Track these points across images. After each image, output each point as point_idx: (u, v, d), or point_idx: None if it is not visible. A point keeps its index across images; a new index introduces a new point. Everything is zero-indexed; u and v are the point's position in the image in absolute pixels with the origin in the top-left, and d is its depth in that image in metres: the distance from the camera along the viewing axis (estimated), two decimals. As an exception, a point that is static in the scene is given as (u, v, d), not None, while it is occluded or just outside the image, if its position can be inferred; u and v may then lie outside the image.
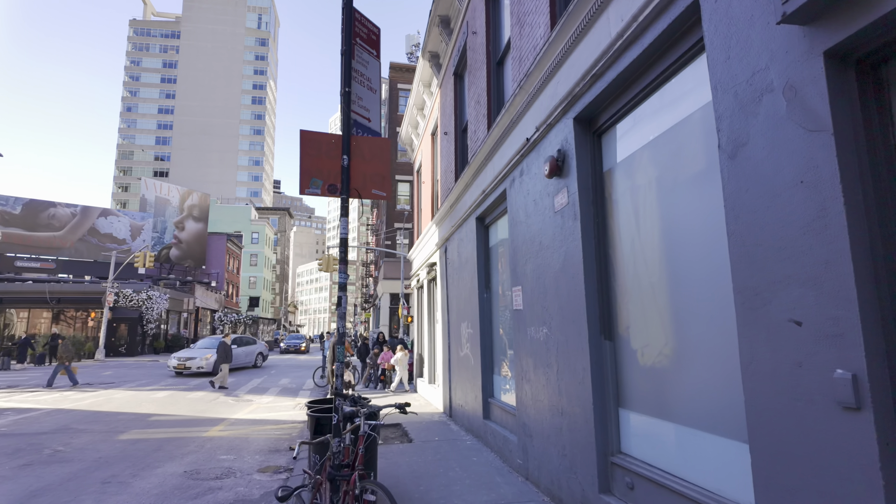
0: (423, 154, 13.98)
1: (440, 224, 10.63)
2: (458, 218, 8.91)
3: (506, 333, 6.95)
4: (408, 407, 3.83)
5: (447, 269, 10.17)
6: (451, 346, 9.78)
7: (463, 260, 8.72)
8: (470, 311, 8.20)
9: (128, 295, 35.14)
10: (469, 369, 8.26)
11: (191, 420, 10.80)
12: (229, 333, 18.71)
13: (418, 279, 14.33)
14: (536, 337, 5.24)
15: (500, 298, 7.30)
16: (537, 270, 5.21)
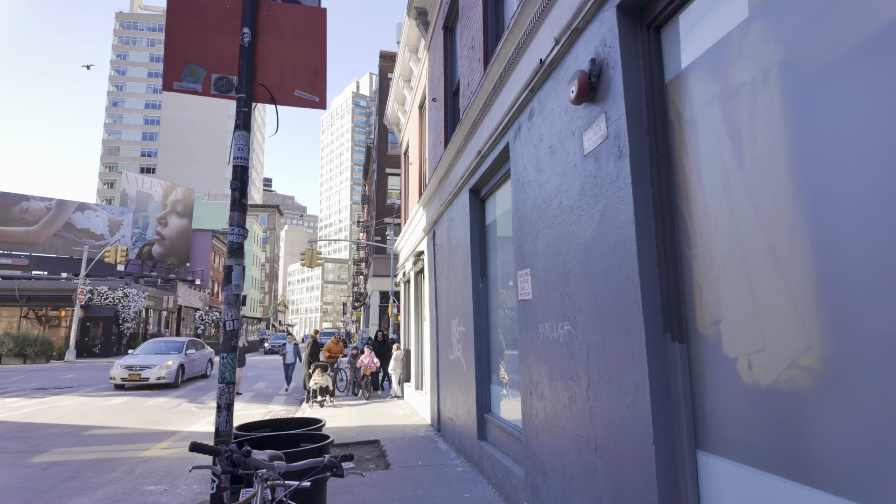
0: (411, 132, 12.48)
1: (428, 205, 9.14)
2: (447, 193, 7.42)
3: (507, 332, 5.47)
4: (347, 463, 2.31)
5: (435, 257, 8.68)
6: (440, 347, 8.30)
7: (453, 244, 7.23)
8: (462, 304, 6.72)
9: (103, 292, 33.35)
10: (460, 376, 6.77)
11: (135, 434, 9.23)
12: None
13: (405, 272, 12.83)
14: (553, 337, 3.76)
15: (499, 289, 5.82)
16: (555, 244, 3.73)
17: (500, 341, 5.74)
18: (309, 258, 22.99)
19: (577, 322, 3.39)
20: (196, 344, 19.13)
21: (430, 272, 9.11)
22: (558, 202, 3.68)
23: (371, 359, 13.58)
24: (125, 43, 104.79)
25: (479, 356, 6.08)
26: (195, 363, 18.32)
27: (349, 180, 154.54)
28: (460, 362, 6.82)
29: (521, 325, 4.46)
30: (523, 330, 4.40)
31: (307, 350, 13.23)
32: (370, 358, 13.60)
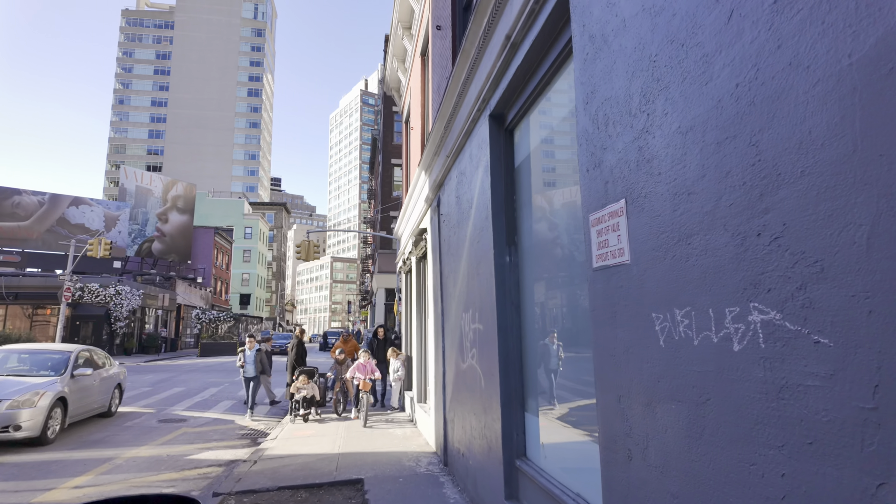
0: (412, 92, 10.35)
1: (430, 165, 7.00)
2: (456, 135, 5.27)
3: (563, 330, 3.31)
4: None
5: (440, 232, 6.54)
6: (447, 350, 6.16)
7: (465, 207, 5.09)
8: (477, 291, 4.57)
9: (93, 290, 31.61)
10: (476, 394, 4.63)
11: (55, 461, 7.20)
12: (270, 337, 13.06)
13: (405, 260, 10.70)
14: (707, 338, 1.59)
15: (540, 261, 3.67)
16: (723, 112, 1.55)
17: (545, 345, 3.59)
18: (305, 251, 20.97)
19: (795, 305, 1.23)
20: (94, 359, 10.64)
21: (435, 253, 6.97)
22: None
23: (368, 367, 9.94)
24: (131, 40, 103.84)
25: (507, 367, 3.93)
26: (89, 393, 9.88)
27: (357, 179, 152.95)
28: (475, 374, 4.68)
29: (600, 316, 2.31)
30: (606, 325, 2.24)
31: (291, 353, 11.15)
32: (368, 365, 9.97)
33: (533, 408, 3.74)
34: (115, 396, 11.13)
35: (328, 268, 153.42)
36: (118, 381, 11.40)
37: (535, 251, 3.80)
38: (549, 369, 3.57)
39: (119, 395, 11.41)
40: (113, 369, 11.30)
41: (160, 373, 21.57)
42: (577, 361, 3.23)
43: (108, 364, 11.29)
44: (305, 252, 20.75)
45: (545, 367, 3.60)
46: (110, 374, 11.01)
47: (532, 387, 3.80)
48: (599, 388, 2.30)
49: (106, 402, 10.65)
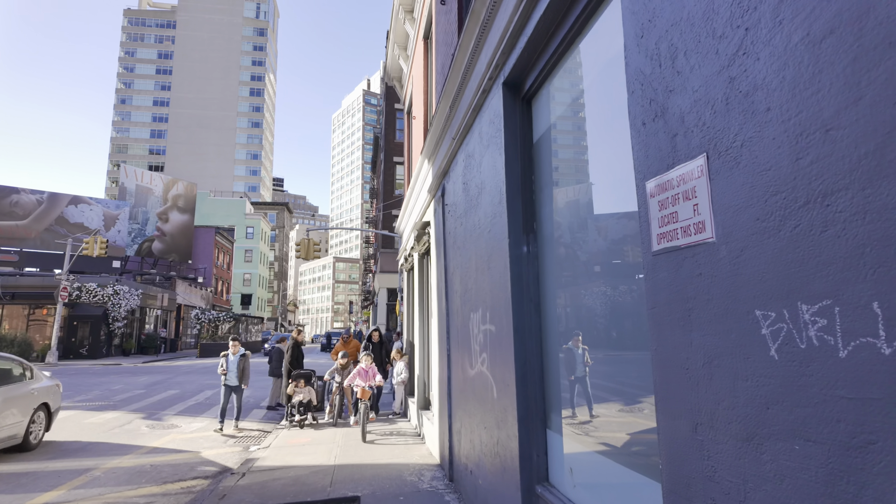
0: (415, 79, 9.79)
1: (435, 152, 6.43)
2: (464, 112, 4.70)
3: (597, 333, 2.74)
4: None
5: (445, 224, 5.97)
6: (452, 354, 5.59)
7: (473, 192, 4.52)
8: (488, 288, 4.00)
9: (91, 289, 31.13)
10: (487, 405, 4.06)
11: (27, 473, 6.65)
12: (284, 338, 12.10)
13: (407, 257, 10.13)
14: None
15: (566, 250, 3.10)
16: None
17: (570, 350, 3.02)
18: (305, 249, 20.43)
19: None
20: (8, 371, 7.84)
21: (439, 248, 6.40)
22: None
23: (369, 372, 9.08)
24: (133, 40, 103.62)
25: (525, 376, 3.35)
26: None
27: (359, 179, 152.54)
28: (486, 382, 4.10)
29: (663, 316, 1.73)
30: (675, 327, 1.67)
31: (287, 354, 10.59)
32: (370, 370, 9.10)
33: (557, 424, 3.16)
34: (39, 421, 8.13)
35: (330, 268, 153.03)
36: (43, 401, 8.25)
37: (559, 239, 3.23)
38: (576, 378, 3.00)
39: (46, 419, 8.35)
40: (35, 384, 8.25)
41: (156, 374, 21.06)
42: (611, 369, 2.66)
43: (26, 376, 8.23)
44: (305, 250, 20.21)
45: (571, 376, 3.03)
46: (25, 391, 7.83)
47: (555, 399, 3.23)
48: (663, 410, 1.73)
49: (17, 430, 7.48)
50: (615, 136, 2.48)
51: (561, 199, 3.26)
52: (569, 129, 3.22)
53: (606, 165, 2.66)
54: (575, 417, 2.98)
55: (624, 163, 2.32)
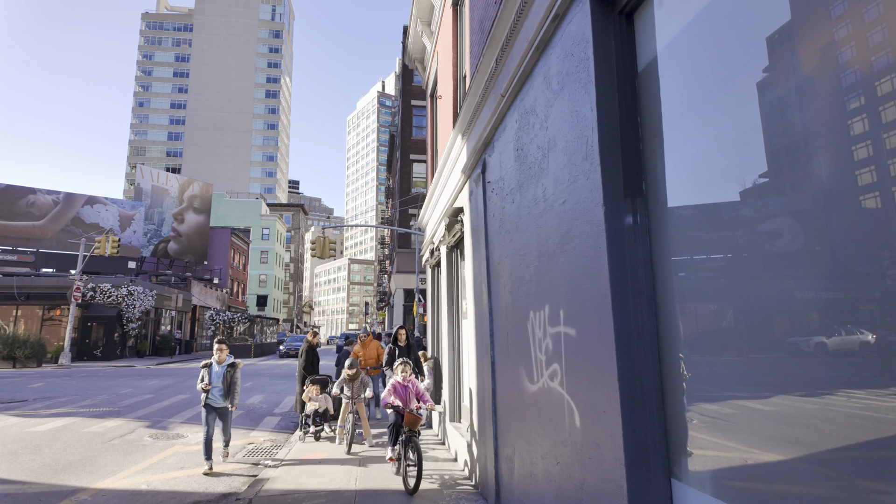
0: (441, 53, 8.83)
1: (472, 122, 5.44)
2: (518, 58, 3.70)
3: (742, 336, 1.71)
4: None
5: (487, 206, 4.97)
6: (499, 364, 4.59)
7: (533, 157, 3.53)
8: (563, 276, 3.01)
9: (105, 290, 30.73)
10: (562, 434, 3.06)
11: (10, 495, 5.81)
12: (317, 331, 10.57)
13: (433, 251, 9.15)
14: None
15: (683, 223, 2.09)
16: None
17: (717, 366, 2.01)
18: (320, 247, 19.58)
19: None
20: None
21: (477, 235, 5.41)
22: None
23: (411, 388, 6.30)
24: (151, 43, 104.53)
25: (634, 401, 2.34)
26: None
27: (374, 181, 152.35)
28: (559, 403, 3.10)
29: None
30: None
31: (301, 359, 9.67)
32: (411, 385, 6.32)
33: (696, 477, 2.14)
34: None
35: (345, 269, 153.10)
36: None
37: (682, 205, 2.23)
38: (720, 407, 1.99)
39: None
40: None
41: (167, 377, 20.39)
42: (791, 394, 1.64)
43: None
44: (320, 249, 19.38)
45: (714, 403, 2.02)
46: None
47: (681, 435, 2.21)
48: None
49: None
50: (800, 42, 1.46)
51: (686, 148, 2.26)
52: (697, 48, 2.22)
53: (766, 94, 1.65)
54: (731, 471, 1.97)
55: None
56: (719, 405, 2.08)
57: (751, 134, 1.92)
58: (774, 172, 1.83)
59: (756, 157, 1.89)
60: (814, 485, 1.63)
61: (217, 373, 7.00)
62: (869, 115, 1.43)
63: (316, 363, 9.79)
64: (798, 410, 1.71)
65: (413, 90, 35.73)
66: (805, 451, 1.67)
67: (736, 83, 2.00)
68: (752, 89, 1.93)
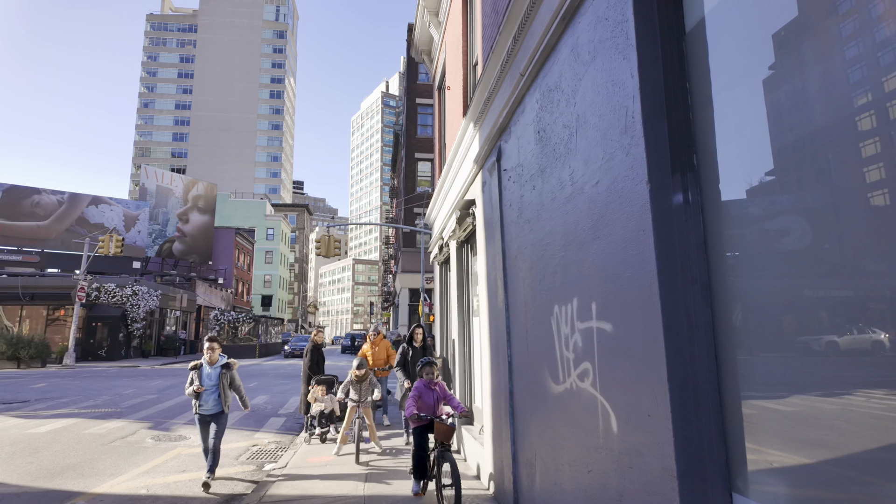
0: (450, 43, 8.56)
1: (486, 108, 5.16)
2: (543, 28, 3.42)
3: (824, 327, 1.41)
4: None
5: (503, 195, 4.69)
6: (516, 362, 4.31)
7: (559, 137, 3.25)
8: (594, 265, 2.73)
9: (110, 290, 30.62)
10: (593, 439, 2.78)
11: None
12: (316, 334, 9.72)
13: (442, 247, 8.88)
14: None
15: (742, 200, 1.80)
16: None
17: (786, 361, 1.71)
18: (325, 246, 19.35)
19: None
20: None
21: (491, 228, 5.13)
22: None
23: (438, 392, 5.30)
24: (156, 44, 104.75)
25: (686, 403, 2.05)
26: None
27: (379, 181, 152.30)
28: (590, 405, 2.82)
29: None
30: None
31: (306, 359, 9.40)
32: (438, 389, 5.32)
33: (763, 491, 1.85)
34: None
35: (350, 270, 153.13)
36: None
37: (741, 179, 1.94)
38: (791, 410, 1.70)
39: None
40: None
41: (171, 377, 20.20)
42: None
43: None
44: (325, 247, 19.15)
45: (784, 405, 1.74)
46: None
47: (743, 443, 1.92)
48: None
49: None
50: None
51: (743, 116, 1.97)
52: (752, 4, 1.93)
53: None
54: (803, 482, 1.68)
55: None
56: (790, 408, 1.79)
57: (818, 99, 1.63)
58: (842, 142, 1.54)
59: (825, 123, 1.60)
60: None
61: (209, 375, 5.94)
62: None
63: (321, 363, 9.52)
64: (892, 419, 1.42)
65: (418, 88, 35.48)
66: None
67: (802, 41, 1.71)
68: (821, 46, 1.64)
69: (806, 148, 1.76)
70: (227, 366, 6.09)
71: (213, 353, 6.00)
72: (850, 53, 1.59)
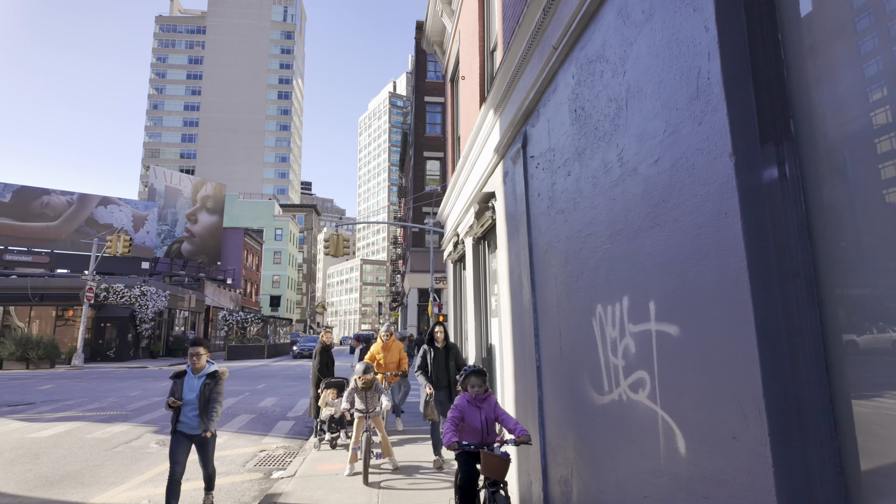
0: (465, 30, 8.18)
1: (508, 92, 4.77)
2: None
3: None
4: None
5: (529, 185, 4.29)
6: (546, 369, 3.92)
7: (604, 111, 2.86)
8: (655, 257, 2.34)
9: (119, 290, 30.53)
10: (649, 459, 2.39)
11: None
12: (324, 335, 9.31)
13: (457, 244, 8.49)
14: None
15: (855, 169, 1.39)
16: None
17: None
18: (334, 245, 19.06)
19: None
20: None
21: (515, 221, 4.74)
22: None
23: (485, 410, 4.04)
24: (165, 46, 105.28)
25: (788, 424, 1.65)
26: None
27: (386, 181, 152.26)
28: (648, 421, 2.43)
29: None
30: None
31: (315, 361, 9.06)
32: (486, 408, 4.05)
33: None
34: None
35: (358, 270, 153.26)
36: None
37: (863, 146, 1.54)
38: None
39: None
40: None
41: (179, 379, 19.93)
42: None
43: None
44: (334, 246, 18.84)
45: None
46: None
47: (868, 475, 1.53)
48: None
49: None
50: None
51: (860, 66, 1.57)
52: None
53: None
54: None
55: None
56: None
57: None
58: None
59: None
60: None
61: (193, 386, 4.90)
62: None
63: (331, 365, 9.17)
64: None
65: (426, 86, 35.12)
66: None
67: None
68: None
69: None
70: (213, 375, 4.98)
71: (198, 359, 4.95)
72: None
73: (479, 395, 4.05)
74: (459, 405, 4.03)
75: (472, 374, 4.11)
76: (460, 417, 3.98)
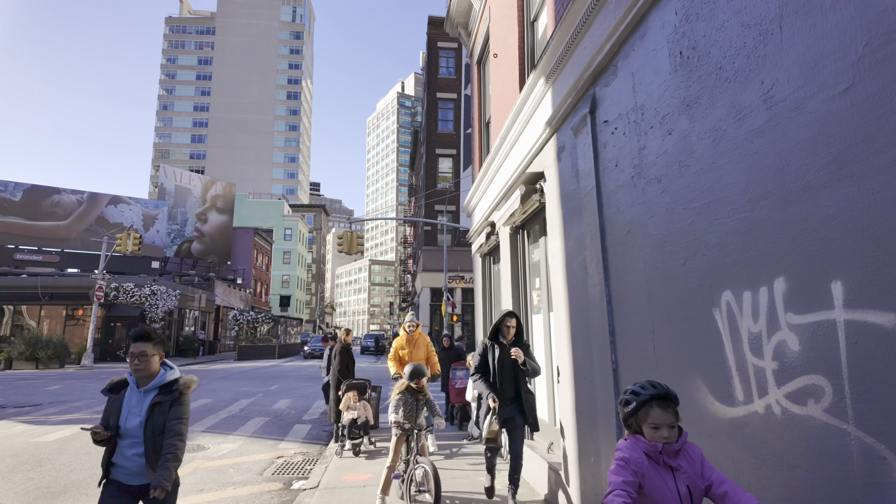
0: (495, 7, 7.56)
1: (569, 49, 4.14)
2: None
3: None
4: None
5: (601, 158, 3.67)
6: (625, 372, 3.30)
7: (741, 36, 2.23)
8: (841, 217, 1.71)
9: (129, 290, 30.21)
10: (830, 487, 1.74)
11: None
12: (345, 335, 8.80)
13: (489, 235, 7.85)
14: None
15: None
16: None
17: None
18: (348, 242, 18.51)
19: None
20: None
21: (573, 204, 4.11)
22: None
23: (688, 481, 1.93)
24: (174, 47, 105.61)
25: None
26: None
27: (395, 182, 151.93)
28: (828, 439, 1.80)
29: None
30: None
31: (335, 362, 8.47)
32: (685, 466, 1.98)
33: None
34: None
35: (366, 270, 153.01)
36: None
37: None
38: None
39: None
40: None
41: (190, 379, 19.48)
42: None
43: None
44: (348, 244, 18.30)
45: None
46: None
47: None
48: None
49: None
50: None
51: None
52: None
53: None
54: None
55: None
56: None
57: None
58: None
59: None
60: None
61: (135, 407, 2.81)
62: None
63: (352, 366, 8.59)
64: None
65: (439, 82, 34.50)
66: None
67: None
68: None
69: None
70: (168, 388, 2.85)
71: (144, 362, 2.82)
72: None
73: (671, 443, 1.99)
74: (632, 461, 1.97)
75: (658, 402, 2.05)
76: (637, 485, 1.94)
